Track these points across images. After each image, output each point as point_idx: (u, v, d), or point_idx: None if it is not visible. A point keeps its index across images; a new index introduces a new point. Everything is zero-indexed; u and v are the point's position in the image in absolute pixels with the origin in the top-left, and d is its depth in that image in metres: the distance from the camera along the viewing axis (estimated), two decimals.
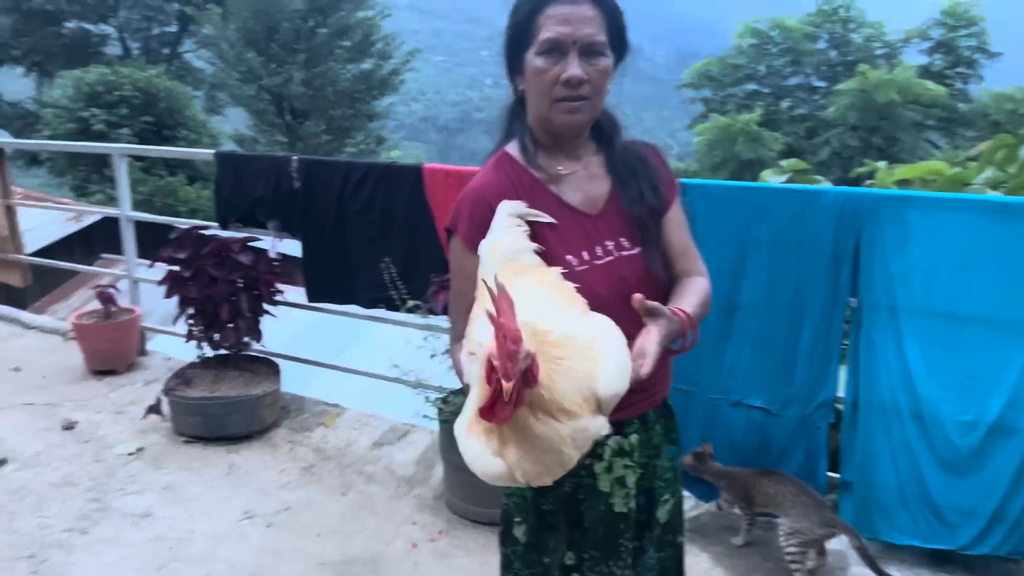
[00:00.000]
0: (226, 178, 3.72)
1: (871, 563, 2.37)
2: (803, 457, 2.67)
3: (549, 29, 1.37)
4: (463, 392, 2.98)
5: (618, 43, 1.44)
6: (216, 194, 3.79)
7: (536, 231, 1.44)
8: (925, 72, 15.44)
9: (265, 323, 3.62)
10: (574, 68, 1.37)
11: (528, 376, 1.08)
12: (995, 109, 14.52)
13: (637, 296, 1.28)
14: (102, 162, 16.14)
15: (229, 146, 22.19)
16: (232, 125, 24.32)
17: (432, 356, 2.92)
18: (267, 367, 3.71)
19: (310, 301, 3.68)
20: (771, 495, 2.56)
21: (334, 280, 3.57)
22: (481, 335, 1.17)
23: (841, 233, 2.50)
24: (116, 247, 4.92)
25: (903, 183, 4.28)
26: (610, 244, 1.48)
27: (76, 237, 11.00)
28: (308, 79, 20.42)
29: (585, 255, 1.46)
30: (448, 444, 2.94)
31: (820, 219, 2.52)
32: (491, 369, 1.07)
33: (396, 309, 3.26)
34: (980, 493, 2.42)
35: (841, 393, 2.61)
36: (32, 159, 20.69)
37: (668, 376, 1.59)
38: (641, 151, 1.56)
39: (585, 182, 1.51)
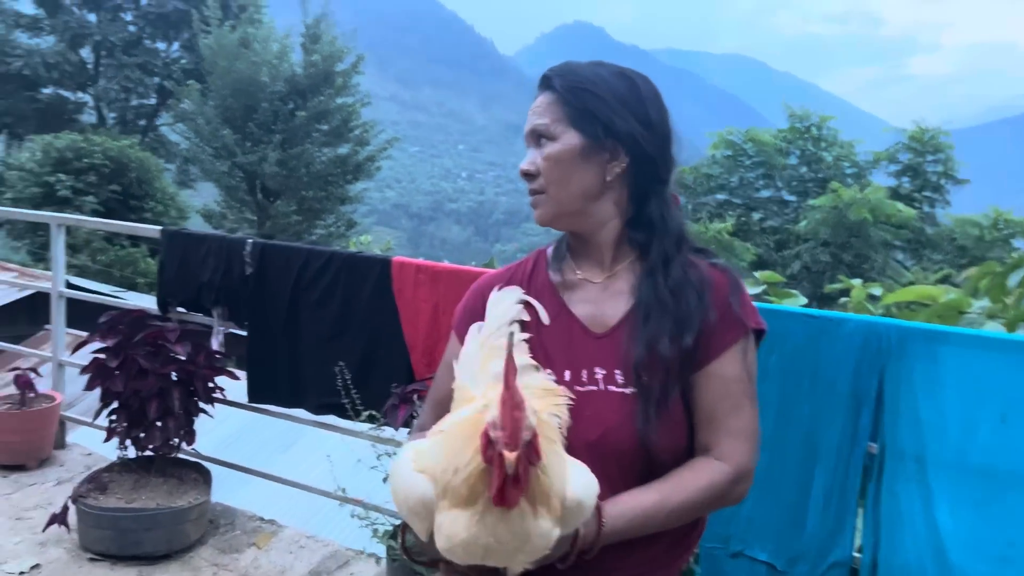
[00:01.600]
0: (172, 258, 3.36)
1: None
2: None
3: None
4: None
5: (585, 119, 1.20)
6: (159, 275, 3.42)
7: (524, 329, 1.21)
8: (894, 194, 15.73)
9: (197, 422, 3.20)
10: (524, 162, 1.26)
11: (531, 451, 0.93)
12: (960, 233, 14.76)
13: None
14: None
15: (196, 220, 21.87)
16: (202, 199, 24.04)
17: (385, 480, 2.51)
18: (196, 473, 3.26)
19: (251, 401, 3.25)
20: None
21: (281, 380, 3.17)
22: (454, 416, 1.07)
23: (863, 368, 2.20)
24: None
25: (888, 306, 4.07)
26: (600, 373, 1.19)
27: (20, 304, 10.41)
28: (283, 159, 20.29)
29: (567, 375, 1.19)
30: None
31: (839, 350, 2.22)
32: (487, 444, 0.92)
33: (348, 417, 2.87)
34: None
35: (858, 553, 2.25)
36: None
37: (630, 563, 1.19)
38: (704, 279, 1.22)
39: (601, 296, 1.24)
